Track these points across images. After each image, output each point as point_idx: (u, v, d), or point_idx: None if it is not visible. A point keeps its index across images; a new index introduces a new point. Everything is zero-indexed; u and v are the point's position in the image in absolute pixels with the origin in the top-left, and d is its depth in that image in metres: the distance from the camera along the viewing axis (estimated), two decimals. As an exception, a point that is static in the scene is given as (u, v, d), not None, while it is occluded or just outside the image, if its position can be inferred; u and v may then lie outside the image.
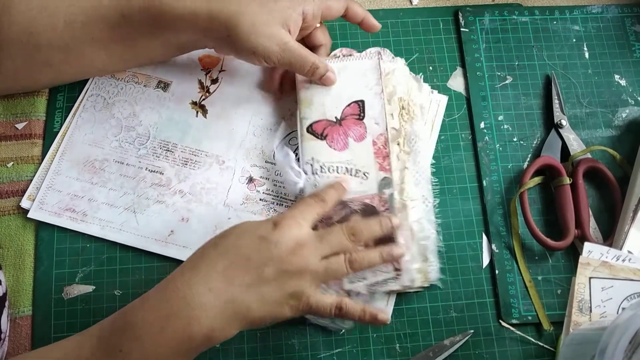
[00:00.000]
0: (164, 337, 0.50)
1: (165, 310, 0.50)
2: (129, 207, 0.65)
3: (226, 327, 0.51)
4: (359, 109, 0.66)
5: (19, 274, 0.63)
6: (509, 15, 0.75)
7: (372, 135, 0.65)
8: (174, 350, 0.50)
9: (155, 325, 0.50)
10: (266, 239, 0.53)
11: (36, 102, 0.69)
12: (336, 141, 0.65)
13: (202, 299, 0.50)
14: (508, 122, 0.71)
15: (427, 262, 0.62)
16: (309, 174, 0.64)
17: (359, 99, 0.66)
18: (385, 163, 0.63)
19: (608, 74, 0.73)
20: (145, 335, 0.50)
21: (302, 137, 0.65)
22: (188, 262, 0.53)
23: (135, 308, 0.52)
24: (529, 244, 0.66)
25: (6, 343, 0.59)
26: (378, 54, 0.68)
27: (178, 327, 0.50)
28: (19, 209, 0.65)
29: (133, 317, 0.51)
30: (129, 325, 0.50)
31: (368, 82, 0.66)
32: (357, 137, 0.65)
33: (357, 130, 0.65)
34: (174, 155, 0.67)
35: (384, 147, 0.64)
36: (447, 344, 0.62)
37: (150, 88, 0.70)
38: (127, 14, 0.60)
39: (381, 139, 0.64)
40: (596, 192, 0.68)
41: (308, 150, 0.65)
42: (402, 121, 0.66)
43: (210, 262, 0.52)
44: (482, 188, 0.68)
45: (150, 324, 0.50)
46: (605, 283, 0.56)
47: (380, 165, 0.63)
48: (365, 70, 0.67)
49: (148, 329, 0.50)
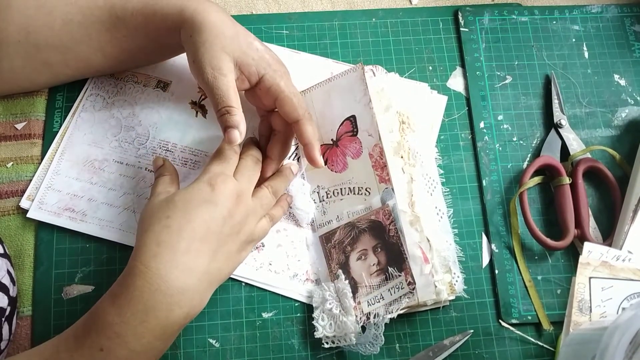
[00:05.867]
0: (147, 328, 0.50)
1: (141, 305, 0.50)
2: (128, 207, 0.65)
3: (204, 297, 0.54)
4: (352, 125, 0.66)
5: (19, 274, 0.63)
6: (508, 15, 0.75)
7: (368, 148, 0.65)
8: (158, 336, 0.51)
9: (134, 319, 0.50)
10: (213, 202, 0.54)
11: (35, 102, 0.69)
12: (336, 163, 0.66)
13: (178, 282, 0.51)
14: (508, 121, 0.71)
15: (450, 273, 0.62)
16: (317, 202, 0.66)
17: (350, 115, 0.66)
18: (384, 173, 0.63)
19: (608, 74, 0.73)
20: (125, 330, 0.50)
21: (305, 167, 0.67)
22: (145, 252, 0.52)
23: (108, 306, 0.51)
24: (529, 244, 0.66)
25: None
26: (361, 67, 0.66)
27: (159, 315, 0.50)
28: (18, 209, 0.65)
29: (108, 316, 0.50)
30: (105, 324, 0.50)
31: (355, 95, 0.66)
32: (354, 154, 0.65)
33: (353, 147, 0.66)
34: (174, 155, 0.67)
35: (380, 158, 0.64)
36: (447, 343, 0.62)
37: (149, 88, 0.70)
38: (121, 16, 0.60)
39: (376, 150, 0.64)
40: (596, 192, 0.68)
41: (313, 178, 0.66)
42: (403, 135, 0.66)
43: (171, 246, 0.52)
44: (481, 188, 0.68)
45: (128, 319, 0.50)
46: (605, 283, 0.56)
47: (380, 177, 0.64)
48: (351, 84, 0.66)
49: (127, 325, 0.50)
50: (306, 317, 0.63)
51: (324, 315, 0.61)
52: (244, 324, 0.63)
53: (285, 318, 0.63)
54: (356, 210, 0.64)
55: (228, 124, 0.58)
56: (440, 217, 0.65)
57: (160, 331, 0.51)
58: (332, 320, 0.60)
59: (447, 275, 0.62)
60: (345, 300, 0.61)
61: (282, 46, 0.73)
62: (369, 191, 0.64)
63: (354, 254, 0.63)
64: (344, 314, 0.60)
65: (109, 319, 0.50)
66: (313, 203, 0.65)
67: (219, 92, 0.57)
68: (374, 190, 0.64)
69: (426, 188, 0.66)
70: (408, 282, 0.60)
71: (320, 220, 0.65)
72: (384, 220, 0.62)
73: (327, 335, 0.60)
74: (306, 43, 0.73)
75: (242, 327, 0.63)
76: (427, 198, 0.65)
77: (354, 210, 0.64)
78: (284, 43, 0.73)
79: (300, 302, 0.63)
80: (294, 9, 0.75)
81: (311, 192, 0.66)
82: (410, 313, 0.62)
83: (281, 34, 0.73)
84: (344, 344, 0.60)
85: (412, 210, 0.63)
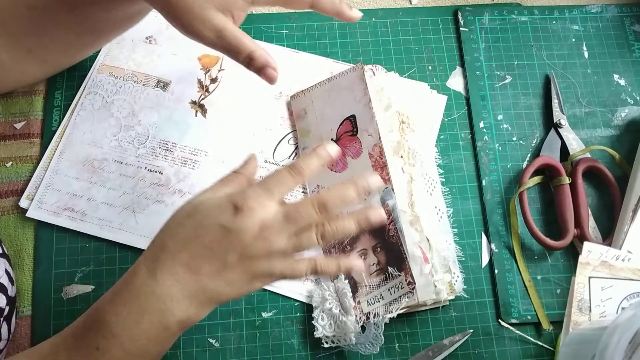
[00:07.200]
0: (141, 329, 0.49)
1: (136, 306, 0.50)
2: (128, 207, 0.65)
3: (200, 311, 0.51)
4: (352, 125, 0.66)
5: (18, 274, 0.62)
6: (508, 14, 0.75)
7: (368, 148, 0.65)
8: (152, 340, 0.50)
9: (129, 319, 0.49)
10: (227, 229, 0.50)
11: (34, 102, 0.69)
12: (336, 163, 0.66)
13: (171, 290, 0.50)
14: (507, 121, 0.71)
15: (449, 273, 0.62)
16: None
17: (349, 114, 0.66)
18: (383, 173, 0.63)
19: (607, 74, 0.73)
20: (121, 330, 0.49)
21: None
22: (149, 253, 0.51)
23: (107, 304, 0.51)
24: (529, 244, 0.66)
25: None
26: (361, 66, 0.67)
27: (153, 319, 0.50)
28: (17, 209, 0.65)
29: (106, 314, 0.50)
30: (102, 322, 0.50)
31: (355, 95, 0.66)
32: (354, 154, 0.65)
33: (353, 147, 0.66)
34: (173, 155, 0.67)
35: (380, 158, 0.64)
36: (447, 343, 0.62)
37: (149, 87, 0.70)
38: None
39: (376, 149, 0.64)
40: (595, 191, 0.68)
41: (313, 178, 0.65)
42: (402, 134, 0.66)
43: (172, 254, 0.50)
44: (481, 188, 0.68)
45: (124, 318, 0.49)
46: (605, 283, 0.56)
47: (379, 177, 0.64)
48: (351, 84, 0.67)
49: (123, 325, 0.49)
50: (306, 317, 0.63)
51: (323, 315, 0.61)
52: (244, 324, 0.63)
53: (285, 318, 0.63)
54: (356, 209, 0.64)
55: (259, 65, 0.54)
56: (440, 217, 0.65)
57: (154, 335, 0.50)
58: (331, 320, 0.60)
59: (446, 275, 0.62)
60: (345, 300, 0.61)
61: (282, 46, 0.73)
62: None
63: (353, 254, 0.62)
64: (344, 313, 0.60)
65: (106, 317, 0.50)
66: None
67: (230, 46, 0.54)
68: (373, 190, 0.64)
69: (426, 188, 0.66)
70: (408, 282, 0.60)
71: None
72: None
73: (327, 335, 0.60)
74: (306, 43, 0.73)
75: (241, 326, 0.63)
76: (427, 198, 0.65)
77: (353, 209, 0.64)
78: (284, 43, 0.73)
79: (300, 302, 0.63)
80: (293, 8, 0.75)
81: (311, 192, 0.66)
82: (410, 313, 0.62)
83: (281, 34, 0.73)
84: (343, 344, 0.60)
85: (412, 210, 0.63)
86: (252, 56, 0.54)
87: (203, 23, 0.53)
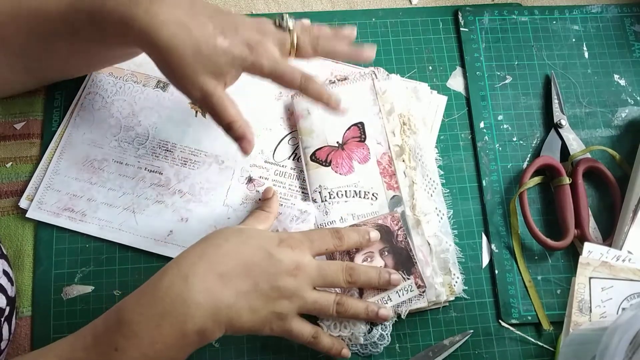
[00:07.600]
0: (161, 333, 0.50)
1: (160, 308, 0.50)
2: (128, 207, 0.65)
3: (216, 329, 0.52)
4: (360, 132, 0.67)
5: (18, 274, 0.62)
6: (508, 15, 0.75)
7: (376, 156, 0.65)
8: (170, 346, 0.50)
9: (152, 322, 0.50)
10: (269, 254, 0.54)
11: (34, 102, 0.69)
12: (341, 166, 0.66)
13: (199, 297, 0.51)
14: (508, 121, 0.71)
15: (449, 274, 0.62)
16: (318, 201, 0.65)
17: (358, 121, 0.67)
18: (392, 181, 0.64)
19: (607, 74, 0.73)
20: (142, 331, 0.49)
21: (307, 166, 0.66)
22: (185, 258, 0.53)
23: (131, 304, 0.51)
24: (529, 244, 0.66)
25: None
26: (372, 73, 0.68)
27: (174, 323, 0.50)
28: (17, 209, 0.65)
29: (128, 313, 0.50)
30: (124, 322, 0.50)
31: (365, 103, 0.67)
32: (361, 159, 0.66)
33: (360, 152, 0.66)
34: (173, 155, 0.67)
35: (389, 166, 0.65)
36: (447, 343, 0.62)
37: (149, 87, 0.70)
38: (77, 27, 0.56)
39: (385, 158, 0.65)
40: (596, 192, 0.68)
41: (314, 178, 0.66)
42: (404, 137, 0.66)
43: (210, 263, 0.52)
44: (481, 188, 0.68)
45: (147, 320, 0.50)
46: (605, 283, 0.56)
47: (388, 184, 0.64)
48: (361, 92, 0.67)
49: (145, 325, 0.50)
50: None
51: None
52: (244, 324, 0.63)
53: (285, 318, 0.63)
54: (362, 213, 0.64)
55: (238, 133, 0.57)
56: (440, 218, 0.65)
57: (172, 341, 0.50)
58: (337, 320, 0.60)
59: (446, 276, 0.62)
60: None
61: (282, 46, 0.72)
62: (376, 196, 0.64)
63: (359, 255, 0.62)
64: None
65: (129, 316, 0.50)
66: (312, 202, 0.65)
67: (214, 111, 0.57)
68: (381, 195, 0.64)
69: (427, 190, 0.66)
70: (418, 285, 0.61)
71: (322, 220, 0.65)
72: (392, 225, 0.63)
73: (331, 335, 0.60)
74: (306, 43, 0.73)
75: (241, 327, 0.62)
76: (428, 200, 0.65)
77: (359, 213, 0.64)
78: (284, 43, 0.73)
79: (300, 302, 0.63)
80: (294, 9, 0.75)
81: (312, 192, 0.66)
82: (410, 313, 0.62)
83: (281, 34, 0.73)
84: (349, 344, 0.60)
85: (414, 213, 0.63)
86: (231, 126, 0.57)
87: (193, 85, 0.56)
